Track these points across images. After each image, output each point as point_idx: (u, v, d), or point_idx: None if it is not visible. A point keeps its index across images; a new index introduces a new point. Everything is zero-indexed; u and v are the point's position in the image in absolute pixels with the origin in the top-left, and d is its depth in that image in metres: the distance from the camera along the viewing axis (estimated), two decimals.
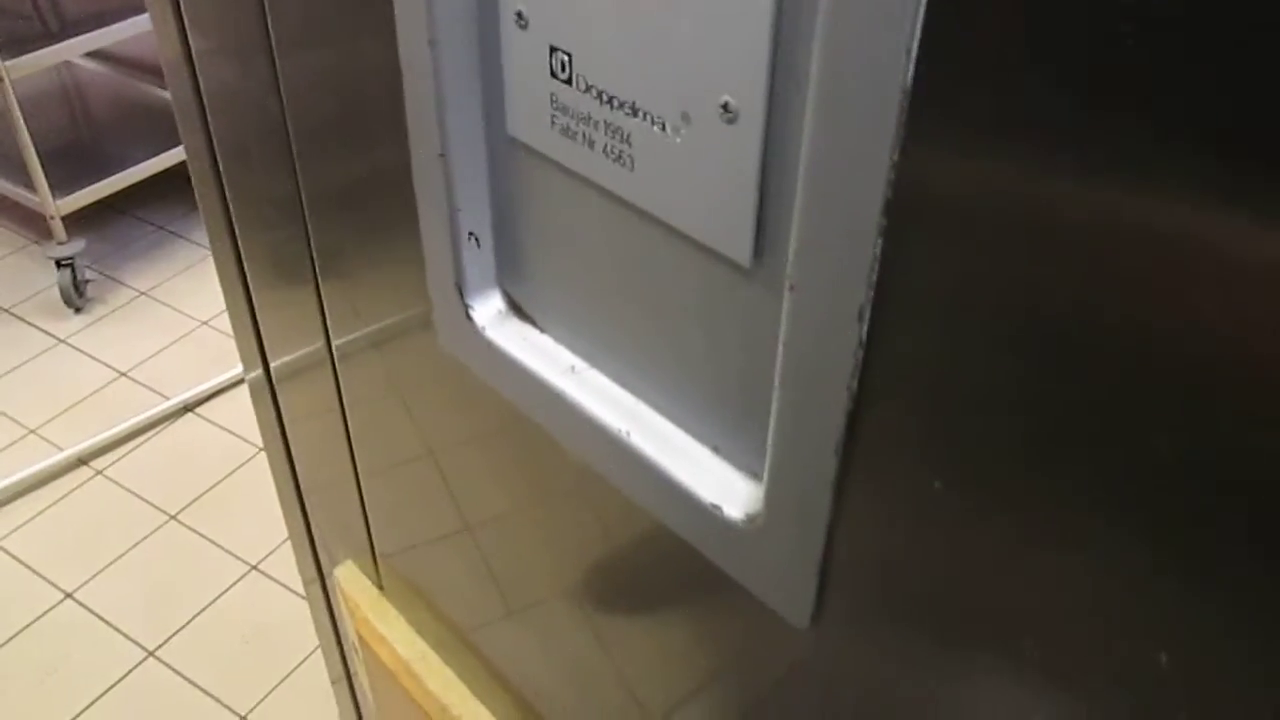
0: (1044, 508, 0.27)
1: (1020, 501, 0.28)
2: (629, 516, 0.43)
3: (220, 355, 2.13)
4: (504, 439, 0.51)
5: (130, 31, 2.20)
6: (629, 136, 0.34)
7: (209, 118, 0.62)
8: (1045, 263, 0.24)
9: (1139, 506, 0.25)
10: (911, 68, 0.24)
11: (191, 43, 0.60)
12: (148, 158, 2.31)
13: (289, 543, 1.78)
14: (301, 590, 1.68)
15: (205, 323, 2.23)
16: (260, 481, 1.86)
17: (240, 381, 2.06)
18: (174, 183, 2.44)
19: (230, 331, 0.78)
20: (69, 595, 1.68)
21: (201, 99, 0.62)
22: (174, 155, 2.34)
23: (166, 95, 2.39)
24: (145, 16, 2.18)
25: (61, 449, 1.93)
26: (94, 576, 1.71)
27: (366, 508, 0.72)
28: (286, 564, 1.71)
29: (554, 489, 0.49)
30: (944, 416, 0.28)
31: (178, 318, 2.24)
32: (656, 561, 0.44)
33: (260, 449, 1.92)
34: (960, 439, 0.28)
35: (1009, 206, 0.24)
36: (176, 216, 2.51)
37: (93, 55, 2.61)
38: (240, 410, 2.01)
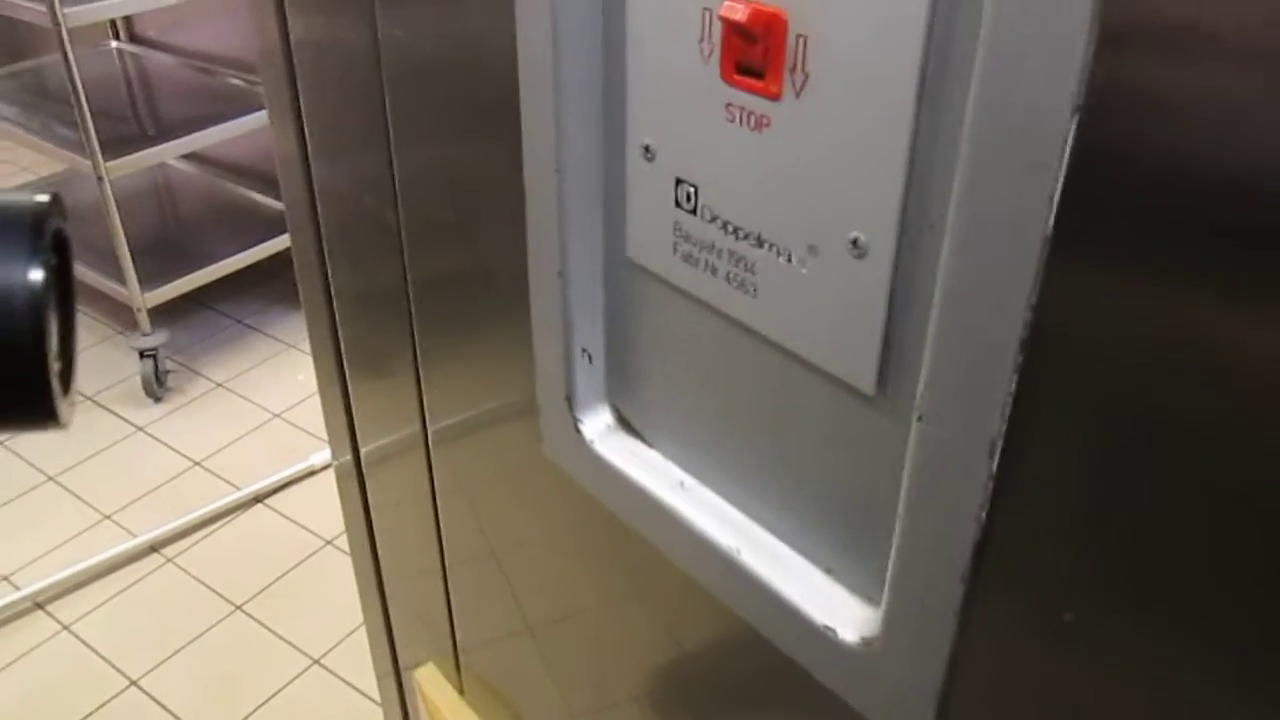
0: (1173, 650, 0.27)
1: (1148, 640, 0.28)
2: (733, 632, 0.43)
3: (291, 447, 2.16)
4: (604, 545, 0.51)
5: (221, 136, 2.31)
6: (753, 265, 0.35)
7: (319, 213, 0.66)
8: (1177, 406, 0.25)
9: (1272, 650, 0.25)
10: (1053, 215, 0.25)
11: (308, 141, 0.63)
12: (231, 254, 2.40)
13: (352, 637, 1.78)
14: (362, 686, 1.67)
15: (278, 415, 2.28)
16: (327, 575, 1.88)
17: (309, 474, 2.09)
18: (254, 279, 2.52)
19: (301, 424, 0.81)
20: (134, 683, 1.70)
21: (313, 194, 0.65)
22: (255, 253, 2.43)
23: (252, 195, 2.48)
24: (235, 122, 2.30)
25: (134, 535, 1.96)
26: (159, 665, 1.73)
27: (452, 603, 0.72)
28: (350, 659, 1.71)
29: (654, 600, 0.50)
30: (1074, 550, 0.29)
31: (252, 409, 2.30)
32: (759, 679, 0.44)
33: (327, 542, 1.94)
34: (1089, 574, 0.28)
35: (1144, 349, 0.25)
36: (254, 311, 2.59)
37: (186, 157, 2.73)
38: (309, 503, 2.04)
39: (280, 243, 2.40)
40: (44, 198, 0.36)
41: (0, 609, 1.81)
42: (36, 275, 0.35)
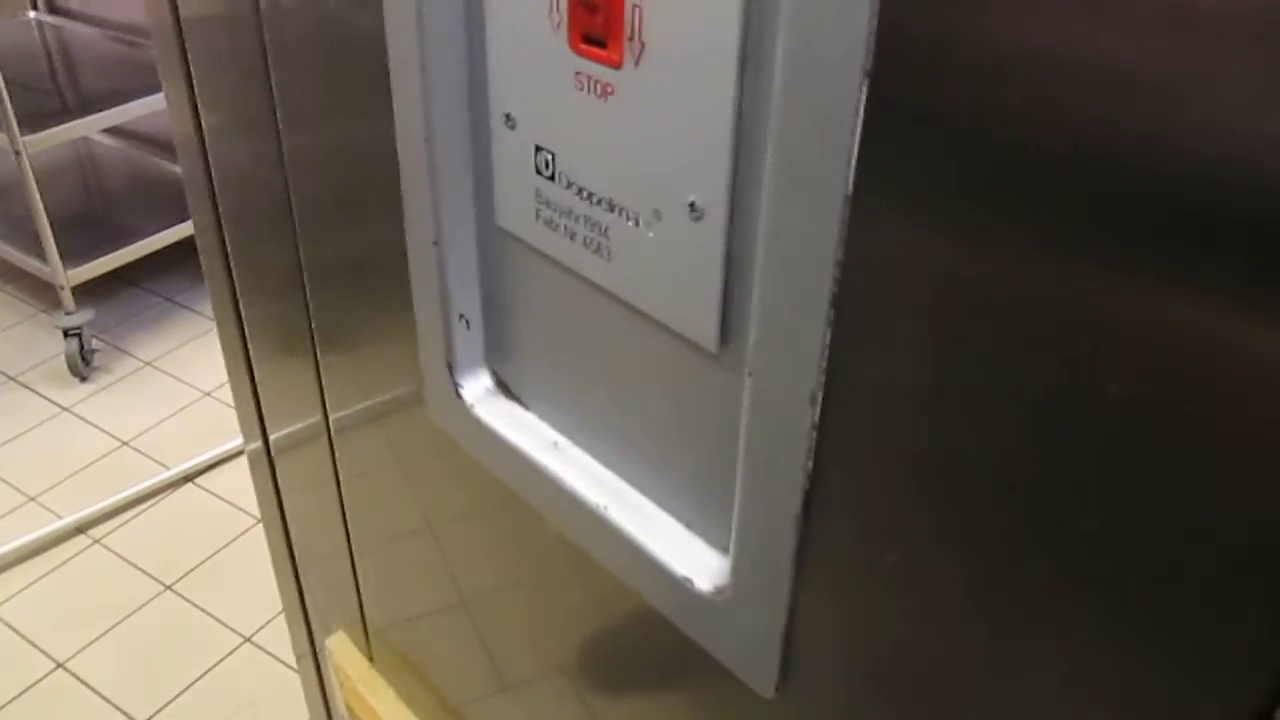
0: (988, 580, 0.29)
1: (966, 574, 0.29)
2: (610, 590, 0.45)
3: (221, 426, 2.14)
4: (492, 513, 0.53)
5: (144, 110, 2.27)
6: (606, 230, 0.37)
7: (217, 192, 0.65)
8: (976, 347, 0.26)
9: (1074, 574, 0.27)
10: (852, 176, 0.27)
11: (203, 120, 0.63)
12: (157, 231, 2.36)
13: (281, 616, 1.78)
14: (292, 663, 1.67)
15: (208, 394, 2.25)
16: (257, 553, 1.87)
17: (240, 453, 2.08)
18: (181, 255, 2.48)
19: (231, 403, 0.81)
20: (61, 665, 1.68)
21: (210, 174, 0.65)
22: (183, 229, 2.39)
23: (177, 170, 2.43)
24: (159, 95, 2.25)
25: (61, 517, 1.93)
26: (87, 646, 1.71)
27: (359, 579, 0.73)
28: (280, 637, 1.71)
29: (540, 563, 0.51)
30: (892, 494, 0.30)
31: (181, 388, 2.27)
32: (636, 633, 0.46)
33: (258, 521, 1.93)
34: (907, 516, 0.30)
35: (944, 300, 0.27)
36: (183, 289, 2.56)
37: (108, 131, 2.68)
38: (239, 481, 2.03)
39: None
40: None
41: None
42: None
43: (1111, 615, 0.26)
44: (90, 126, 2.26)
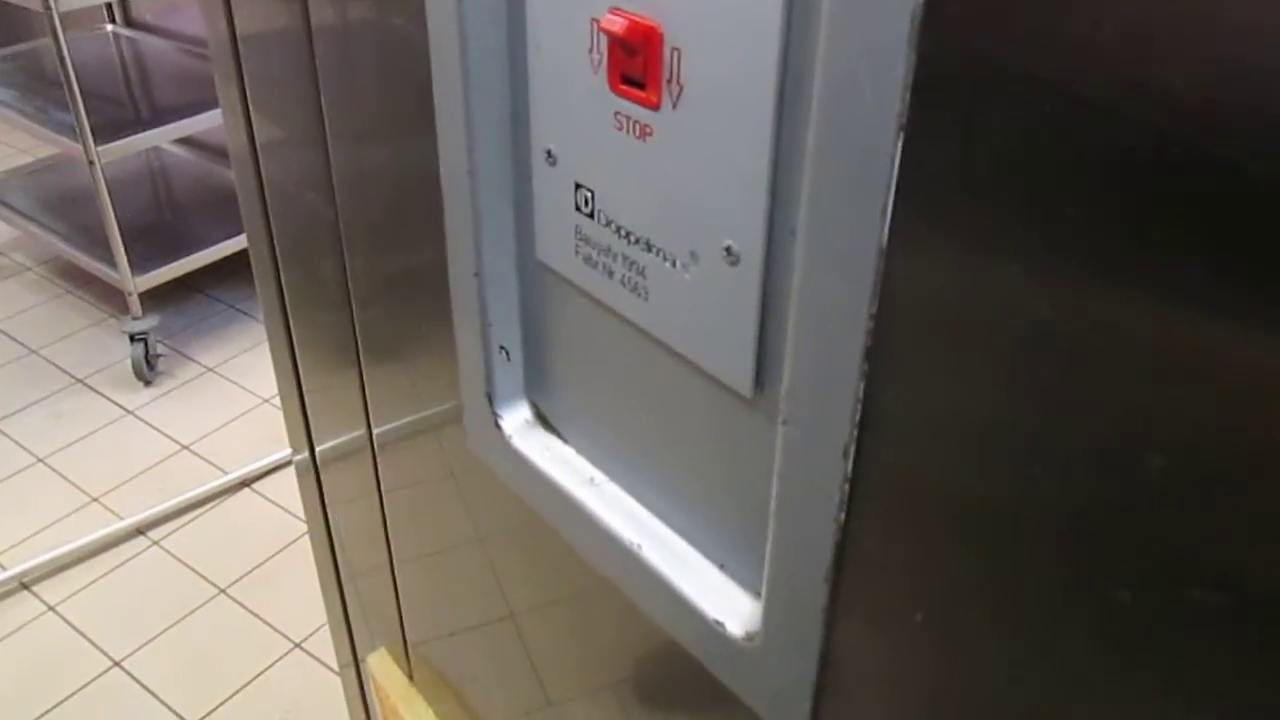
0: (1024, 645, 0.28)
1: (1000, 636, 0.29)
2: (640, 625, 0.45)
3: (279, 433, 2.17)
4: (528, 539, 0.52)
5: (213, 121, 2.32)
6: (644, 269, 0.36)
7: (269, 206, 0.67)
8: (1013, 408, 0.26)
9: (1112, 643, 0.26)
10: (886, 230, 0.26)
11: (256, 134, 0.64)
12: (222, 239, 2.41)
13: None
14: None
15: (266, 400, 2.29)
16: (309, 560, 1.89)
17: None
18: (245, 264, 2.53)
19: None
20: (117, 664, 1.72)
21: (263, 188, 0.66)
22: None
23: None
24: None
25: (121, 518, 1.98)
26: (143, 646, 1.75)
27: (400, 595, 0.73)
28: (328, 644, 1.73)
29: (573, 592, 0.51)
30: (926, 551, 0.29)
31: (241, 394, 2.31)
32: (666, 671, 0.45)
33: None
34: (941, 573, 0.29)
35: (979, 357, 0.26)
36: (246, 296, 2.61)
37: (178, 141, 2.74)
38: (295, 488, 2.06)
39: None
40: None
41: None
42: None
43: (1155, 687, 0.25)
44: (161, 137, 2.32)
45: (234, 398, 2.30)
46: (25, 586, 1.85)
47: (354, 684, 0.93)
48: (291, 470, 2.08)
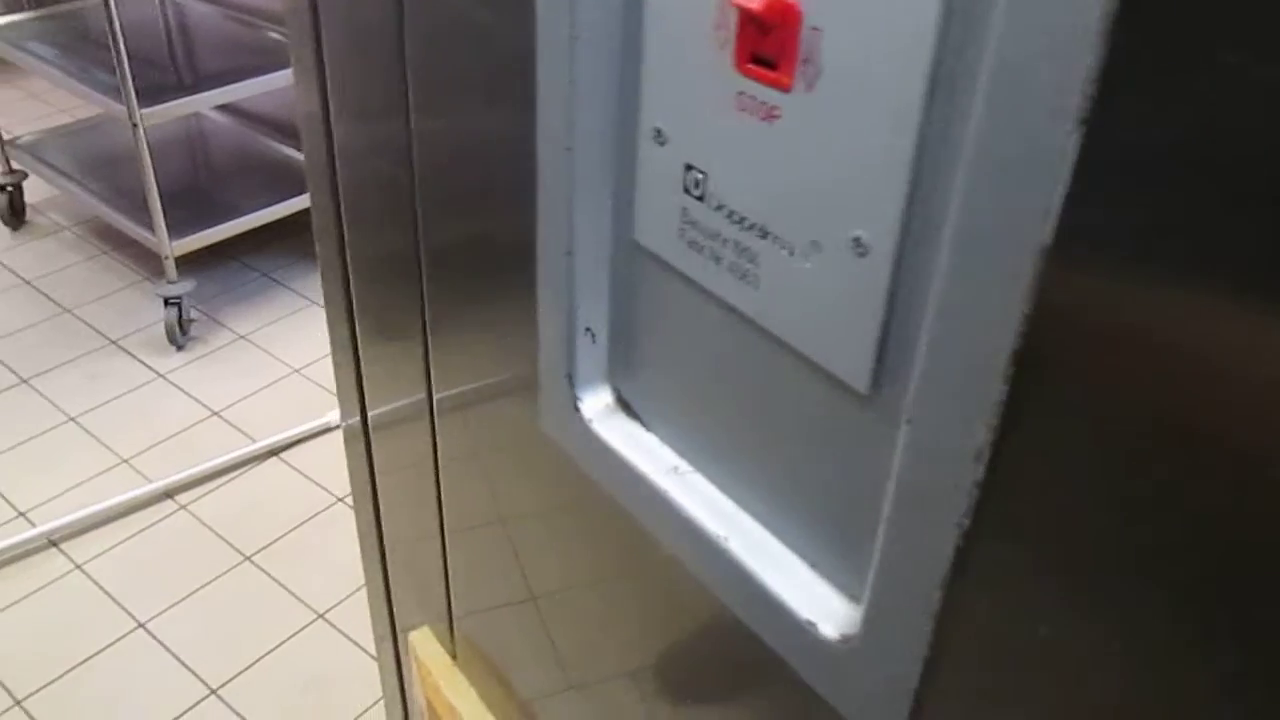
0: (1149, 681, 0.27)
1: (1122, 668, 0.27)
2: (719, 618, 0.44)
3: (309, 403, 2.18)
4: (599, 523, 0.51)
5: (257, 89, 2.32)
6: (756, 257, 0.35)
7: (338, 173, 0.66)
8: (1168, 436, 0.24)
9: (1259, 670, 0.25)
10: (1053, 226, 0.25)
11: (330, 101, 0.63)
12: (260, 208, 2.41)
13: (356, 596, 1.80)
14: (363, 644, 1.69)
15: (298, 370, 2.29)
16: (336, 532, 1.90)
17: (325, 431, 2.11)
18: (282, 233, 2.54)
19: (320, 381, 0.82)
20: (141, 625, 1.72)
21: (332, 154, 0.65)
22: (285, 207, 2.44)
23: (285, 150, 2.49)
24: (272, 75, 2.30)
25: (150, 481, 1.99)
26: (167, 609, 1.75)
27: (449, 570, 0.73)
28: (353, 616, 1.73)
29: (644, 580, 0.50)
30: (1051, 569, 0.28)
31: (273, 363, 2.32)
32: (739, 664, 0.44)
33: (339, 499, 1.96)
34: (1064, 594, 0.28)
35: (1145, 374, 0.25)
36: (281, 266, 2.61)
37: (220, 108, 2.74)
38: (323, 459, 2.06)
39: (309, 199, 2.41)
40: None
41: (16, 545, 1.84)
42: None
43: None
44: (204, 103, 2.32)
45: (265, 366, 2.31)
46: (54, 544, 1.87)
47: (390, 657, 0.93)
48: (319, 442, 2.09)
